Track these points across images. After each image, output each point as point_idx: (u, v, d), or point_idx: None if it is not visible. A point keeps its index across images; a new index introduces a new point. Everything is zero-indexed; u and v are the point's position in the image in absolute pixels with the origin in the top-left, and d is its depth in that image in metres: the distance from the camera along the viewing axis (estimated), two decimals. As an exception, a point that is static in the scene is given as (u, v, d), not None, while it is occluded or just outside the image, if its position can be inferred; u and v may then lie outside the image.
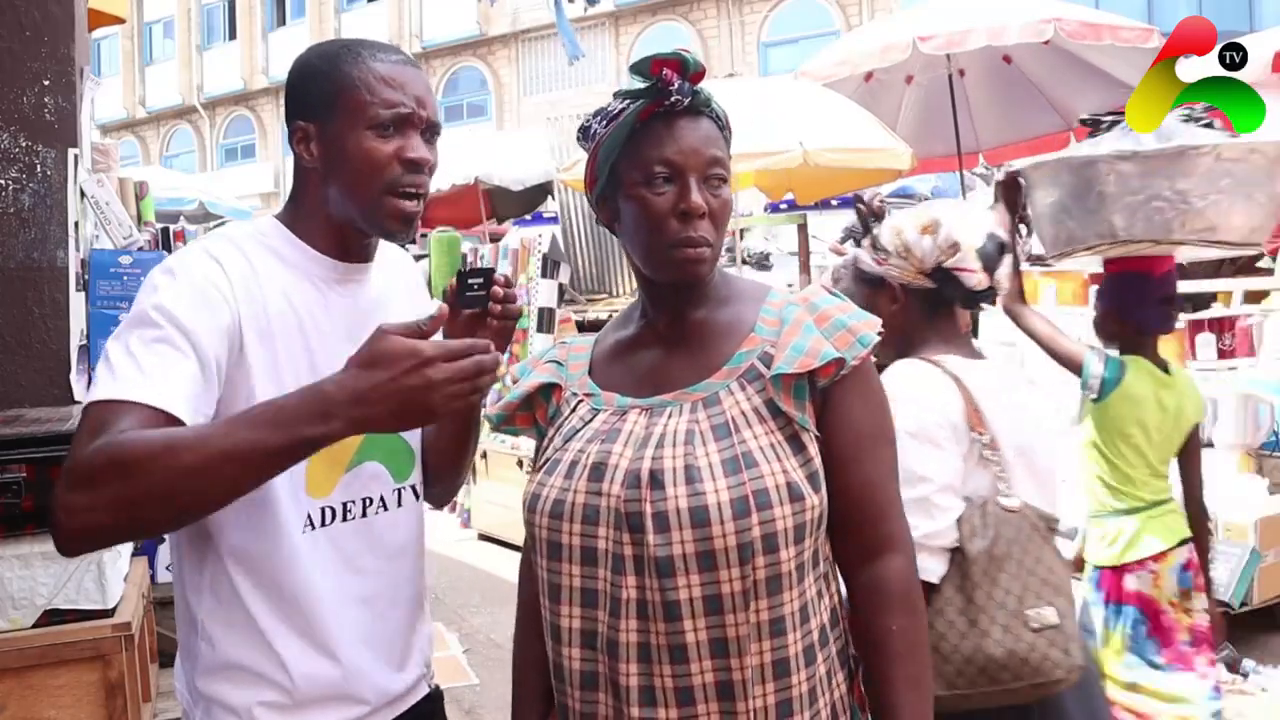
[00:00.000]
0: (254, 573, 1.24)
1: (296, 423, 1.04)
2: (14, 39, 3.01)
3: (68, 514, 1.04)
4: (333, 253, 1.32)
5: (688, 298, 1.25)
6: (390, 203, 1.27)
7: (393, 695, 1.36)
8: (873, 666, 1.19)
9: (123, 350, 1.13)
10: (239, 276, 1.22)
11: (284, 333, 1.25)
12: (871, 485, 1.20)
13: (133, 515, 1.05)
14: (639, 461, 1.16)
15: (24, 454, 2.23)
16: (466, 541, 6.28)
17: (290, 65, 1.35)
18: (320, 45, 1.33)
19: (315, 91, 1.27)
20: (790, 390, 1.17)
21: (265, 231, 1.31)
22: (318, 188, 1.30)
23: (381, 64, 1.27)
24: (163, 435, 1.06)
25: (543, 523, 1.20)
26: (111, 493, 1.03)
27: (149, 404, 1.10)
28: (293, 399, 1.06)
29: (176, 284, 1.18)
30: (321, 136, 1.27)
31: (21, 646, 2.20)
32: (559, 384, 1.31)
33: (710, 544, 1.11)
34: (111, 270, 3.22)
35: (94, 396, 1.11)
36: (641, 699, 1.13)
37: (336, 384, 1.05)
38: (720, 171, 1.20)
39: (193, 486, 1.04)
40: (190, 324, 1.16)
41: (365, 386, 1.03)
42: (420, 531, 1.43)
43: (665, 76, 1.17)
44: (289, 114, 1.31)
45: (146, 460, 1.03)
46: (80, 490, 1.04)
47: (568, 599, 1.19)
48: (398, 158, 1.26)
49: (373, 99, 1.25)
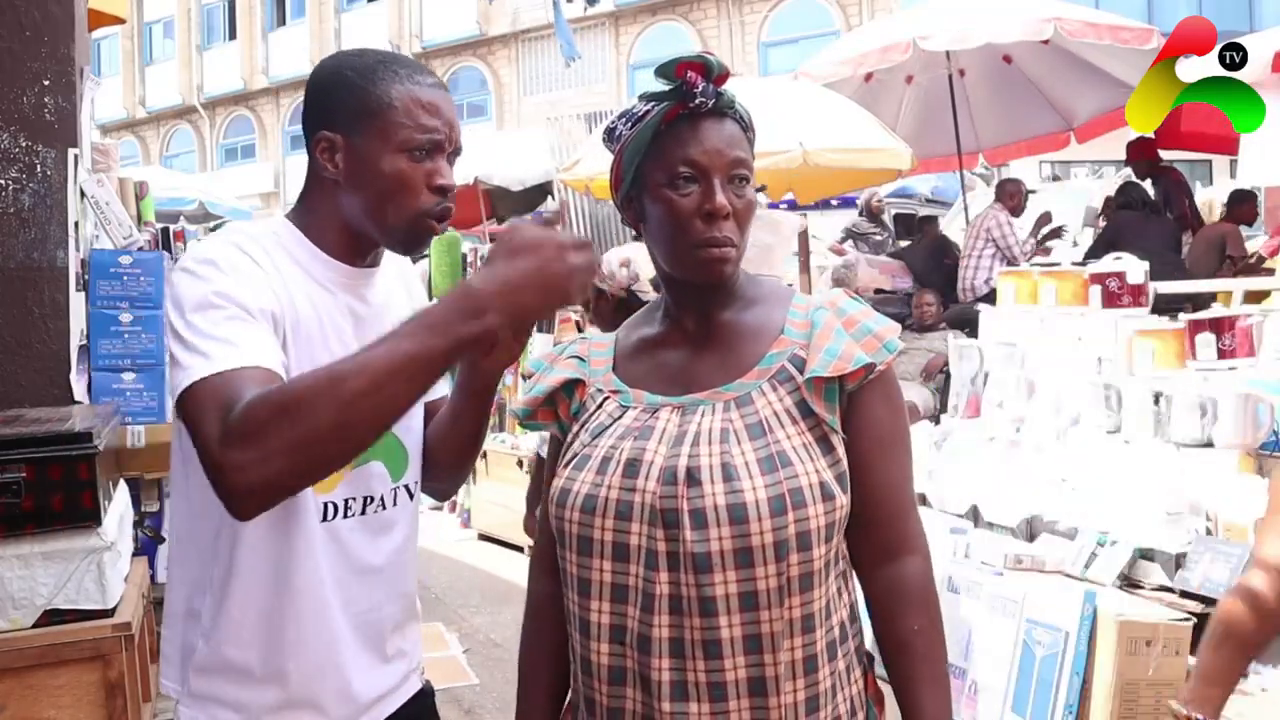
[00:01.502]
0: (266, 565, 1.24)
1: (451, 324, 1.06)
2: (14, 39, 3.01)
3: (239, 471, 1.03)
4: (345, 258, 1.32)
5: (714, 298, 1.26)
6: (425, 224, 1.29)
7: (384, 692, 1.37)
8: (896, 666, 1.22)
9: (200, 335, 1.13)
10: (272, 271, 1.24)
11: (308, 332, 1.26)
12: (892, 487, 1.23)
13: (310, 455, 1.04)
14: (674, 459, 1.17)
15: (24, 454, 2.23)
16: (466, 541, 6.28)
17: (316, 70, 1.33)
18: (351, 56, 1.32)
19: (348, 104, 1.26)
20: (821, 393, 1.20)
21: (279, 232, 1.31)
22: (335, 197, 1.30)
23: (420, 88, 1.27)
24: (322, 371, 1.07)
25: (574, 517, 1.21)
26: (285, 439, 1.02)
27: (260, 365, 1.11)
28: (440, 305, 1.08)
29: (224, 272, 1.18)
30: (349, 150, 1.27)
31: (21, 646, 2.20)
32: (583, 380, 1.32)
33: (748, 541, 1.13)
34: (111, 270, 3.22)
35: (195, 376, 1.10)
36: (673, 694, 1.15)
37: (482, 279, 1.08)
38: (744, 172, 1.23)
39: (364, 410, 1.04)
40: (253, 305, 1.17)
41: (515, 274, 1.08)
42: (415, 530, 1.44)
43: (690, 79, 1.19)
44: (312, 121, 1.30)
45: (314, 397, 1.03)
46: (248, 445, 1.03)
47: (597, 594, 1.20)
48: (428, 183, 1.27)
49: (410, 123, 1.25)
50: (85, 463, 2.28)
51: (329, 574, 1.28)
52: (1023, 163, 10.76)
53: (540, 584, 1.34)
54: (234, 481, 1.04)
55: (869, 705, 1.25)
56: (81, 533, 2.28)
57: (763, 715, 1.15)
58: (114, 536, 2.37)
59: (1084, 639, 2.93)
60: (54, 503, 2.25)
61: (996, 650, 3.17)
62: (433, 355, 1.06)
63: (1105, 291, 4.53)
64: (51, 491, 2.25)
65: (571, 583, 1.23)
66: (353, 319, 1.32)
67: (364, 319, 1.33)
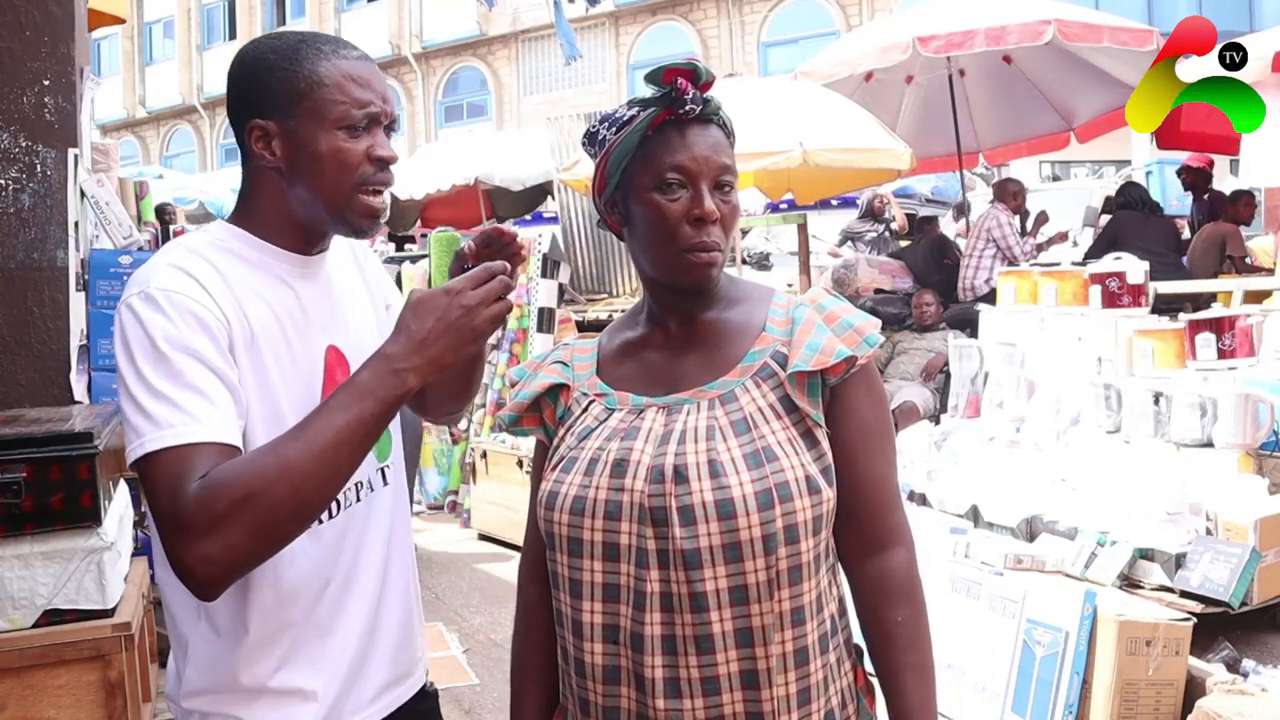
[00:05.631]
0: (267, 566, 1.22)
1: (376, 390, 1.14)
2: (14, 39, 3.01)
3: (206, 564, 1.07)
4: (296, 248, 1.30)
5: (698, 300, 1.28)
6: (360, 200, 1.27)
7: (386, 690, 1.36)
8: (880, 657, 1.24)
9: (150, 394, 1.12)
10: (215, 287, 1.21)
11: (265, 335, 1.24)
12: (877, 479, 1.25)
13: (271, 538, 1.10)
14: (661, 457, 1.18)
15: (24, 454, 2.23)
16: (466, 541, 6.27)
17: (233, 62, 1.29)
18: (269, 40, 1.29)
19: (276, 89, 1.23)
20: (804, 387, 1.22)
21: (221, 237, 1.28)
22: (278, 187, 1.27)
23: (347, 61, 1.25)
24: (267, 454, 1.10)
25: (563, 519, 1.22)
26: (245, 526, 1.07)
27: (212, 441, 1.11)
28: (362, 373, 1.16)
29: (166, 311, 1.16)
30: (285, 135, 1.24)
31: (21, 646, 2.20)
32: (567, 384, 1.32)
33: (737, 536, 1.14)
34: (111, 270, 3.22)
35: (149, 448, 1.10)
36: (667, 690, 1.16)
37: (395, 343, 1.16)
38: (730, 179, 1.25)
39: (315, 486, 1.10)
40: (200, 349, 1.15)
41: (421, 334, 1.16)
42: (405, 514, 1.44)
43: (679, 85, 1.21)
44: (240, 112, 1.26)
45: (268, 485, 1.07)
46: (210, 537, 1.06)
47: (589, 595, 1.20)
48: (368, 157, 1.26)
49: (344, 98, 1.23)
50: (85, 463, 2.28)
51: (323, 571, 1.28)
52: (1023, 163, 10.77)
53: (529, 591, 1.35)
54: (202, 573, 1.08)
55: (859, 697, 1.27)
56: (81, 533, 2.28)
57: (755, 708, 1.16)
58: (114, 536, 2.37)
59: (1084, 639, 2.93)
60: (54, 503, 2.25)
61: (996, 650, 3.17)
62: (365, 420, 1.13)
63: (1105, 291, 4.53)
64: (51, 491, 2.25)
65: (563, 584, 1.23)
66: (315, 304, 1.31)
67: (326, 301, 1.33)
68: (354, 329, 1.36)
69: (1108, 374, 4.29)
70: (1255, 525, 3.21)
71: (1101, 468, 3.77)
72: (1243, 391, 3.68)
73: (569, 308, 7.08)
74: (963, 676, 3.26)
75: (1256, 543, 3.17)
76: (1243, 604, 3.12)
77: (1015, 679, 3.10)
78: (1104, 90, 7.18)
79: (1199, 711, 2.72)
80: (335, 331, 1.33)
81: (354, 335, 1.35)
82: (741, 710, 1.16)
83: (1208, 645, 3.12)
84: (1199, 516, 3.37)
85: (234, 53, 1.29)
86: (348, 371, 1.31)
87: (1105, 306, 4.51)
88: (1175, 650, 2.90)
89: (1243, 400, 3.65)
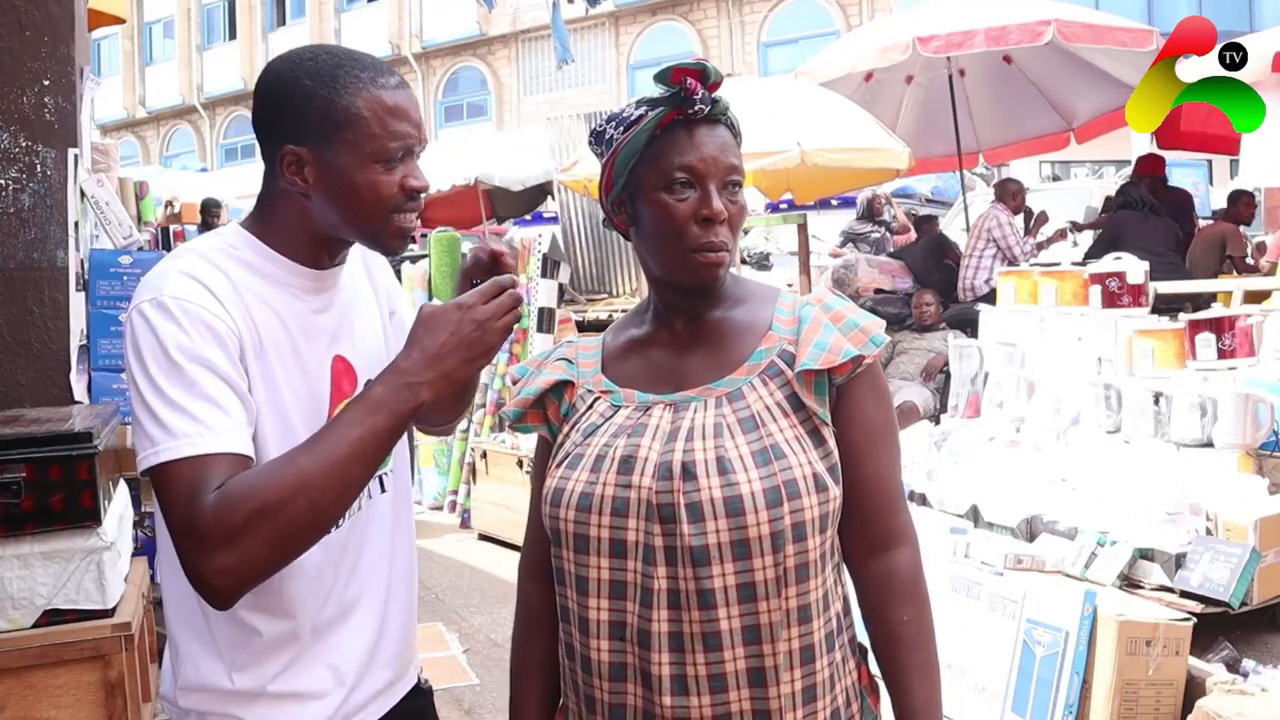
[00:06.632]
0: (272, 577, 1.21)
1: (390, 403, 1.16)
2: (14, 39, 3.01)
3: (224, 575, 1.08)
4: (312, 262, 1.30)
5: (704, 299, 1.28)
6: (394, 223, 1.27)
7: (381, 688, 1.37)
8: (886, 656, 1.24)
9: (164, 403, 1.12)
10: (226, 297, 1.20)
11: (275, 346, 1.24)
12: (882, 478, 1.25)
13: (288, 549, 1.12)
14: (669, 454, 1.18)
15: (24, 454, 2.23)
16: (466, 541, 6.27)
17: (264, 77, 1.26)
18: (305, 61, 1.25)
19: (312, 117, 1.21)
20: (811, 386, 1.22)
21: (235, 244, 1.27)
22: (302, 206, 1.26)
23: (385, 91, 1.23)
24: (283, 466, 1.12)
25: (569, 516, 1.22)
26: (263, 538, 1.08)
27: (227, 452, 1.12)
28: (376, 386, 1.18)
29: (180, 321, 1.16)
30: (319, 164, 1.22)
31: (21, 646, 2.20)
32: (571, 381, 1.32)
33: (745, 533, 1.14)
34: (111, 270, 3.23)
35: (164, 457, 1.11)
36: (674, 688, 1.16)
37: (408, 357, 1.19)
38: (737, 178, 1.25)
39: (330, 499, 1.13)
40: (213, 359, 1.15)
41: (434, 348, 1.18)
42: (408, 521, 1.44)
43: (689, 85, 1.21)
44: (270, 133, 1.24)
45: (285, 498, 1.09)
46: (227, 549, 1.08)
47: (596, 591, 1.20)
48: (401, 187, 1.25)
49: (382, 132, 1.22)
50: (85, 463, 2.28)
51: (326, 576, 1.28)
52: (1023, 163, 10.78)
53: (529, 589, 1.35)
54: (219, 584, 1.09)
55: (863, 696, 1.28)
56: (81, 533, 2.28)
57: (762, 705, 1.16)
58: (114, 536, 2.37)
59: (1084, 639, 2.93)
60: (54, 503, 2.25)
61: (996, 650, 3.17)
62: (379, 433, 1.16)
63: (1105, 291, 4.53)
64: (51, 491, 2.25)
65: (569, 581, 1.23)
66: (325, 317, 1.31)
67: (337, 315, 1.33)
68: (360, 339, 1.36)
69: (1108, 374, 4.29)
70: (1255, 525, 3.21)
71: (1101, 468, 3.77)
72: (1243, 391, 3.68)
73: (569, 308, 7.08)
74: (963, 676, 3.26)
75: (1256, 543, 3.17)
76: (1243, 604, 3.12)
77: (1015, 679, 3.10)
78: (1104, 90, 7.19)
79: (1199, 711, 2.72)
80: (342, 341, 1.33)
81: (360, 345, 1.35)
82: (748, 708, 1.16)
83: (1208, 645, 3.12)
84: (1199, 516, 3.37)
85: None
86: (354, 381, 1.31)
87: (1105, 306, 4.51)
88: (1175, 650, 2.90)
89: (1243, 400, 3.65)
